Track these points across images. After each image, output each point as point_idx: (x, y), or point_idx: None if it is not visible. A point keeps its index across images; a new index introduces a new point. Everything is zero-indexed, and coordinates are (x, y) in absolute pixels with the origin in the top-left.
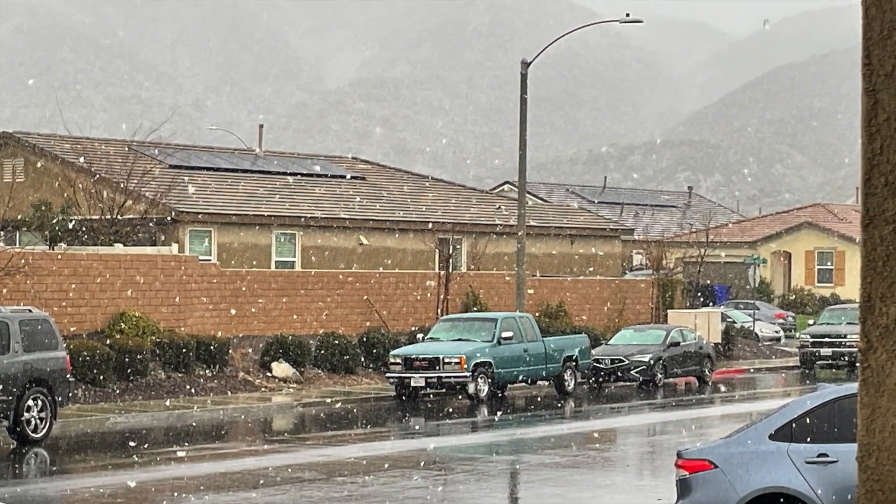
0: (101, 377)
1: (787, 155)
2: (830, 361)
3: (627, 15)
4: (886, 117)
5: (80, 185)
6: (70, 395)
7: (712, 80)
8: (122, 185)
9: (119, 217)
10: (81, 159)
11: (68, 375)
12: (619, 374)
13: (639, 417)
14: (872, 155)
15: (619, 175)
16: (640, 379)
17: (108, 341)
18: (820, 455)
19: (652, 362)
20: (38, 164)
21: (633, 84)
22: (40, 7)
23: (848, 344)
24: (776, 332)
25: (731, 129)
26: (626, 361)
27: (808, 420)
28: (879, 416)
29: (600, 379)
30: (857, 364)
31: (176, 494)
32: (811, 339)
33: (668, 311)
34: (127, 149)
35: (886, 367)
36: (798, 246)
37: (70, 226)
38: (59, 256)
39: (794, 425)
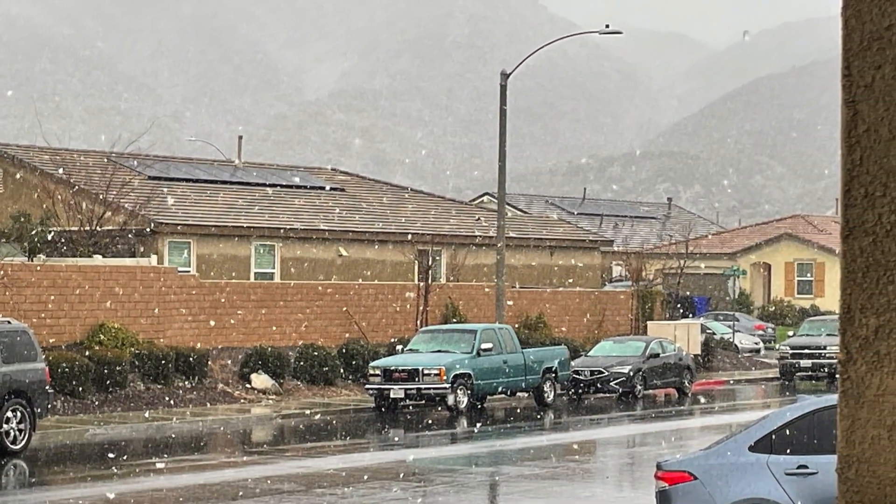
0: (80, 389)
1: (766, 166)
2: (810, 373)
3: (607, 26)
4: (866, 128)
5: (59, 197)
6: (49, 406)
7: (692, 91)
8: (101, 197)
9: (98, 228)
10: (60, 171)
11: (47, 387)
12: (598, 385)
13: (618, 429)
14: (852, 166)
15: (599, 186)
16: (620, 390)
17: (87, 353)
18: (800, 466)
19: (631, 374)
20: (17, 176)
21: (612, 95)
22: (19, 18)
23: (828, 355)
24: (756, 343)
25: (710, 141)
26: (606, 373)
27: (787, 431)
28: (859, 428)
29: (580, 390)
30: (837, 375)
31: None
32: (791, 351)
33: (648, 322)
34: (106, 160)
35: (866, 378)
36: (778, 257)
37: (49, 237)
38: (38, 268)
39: (773, 437)
